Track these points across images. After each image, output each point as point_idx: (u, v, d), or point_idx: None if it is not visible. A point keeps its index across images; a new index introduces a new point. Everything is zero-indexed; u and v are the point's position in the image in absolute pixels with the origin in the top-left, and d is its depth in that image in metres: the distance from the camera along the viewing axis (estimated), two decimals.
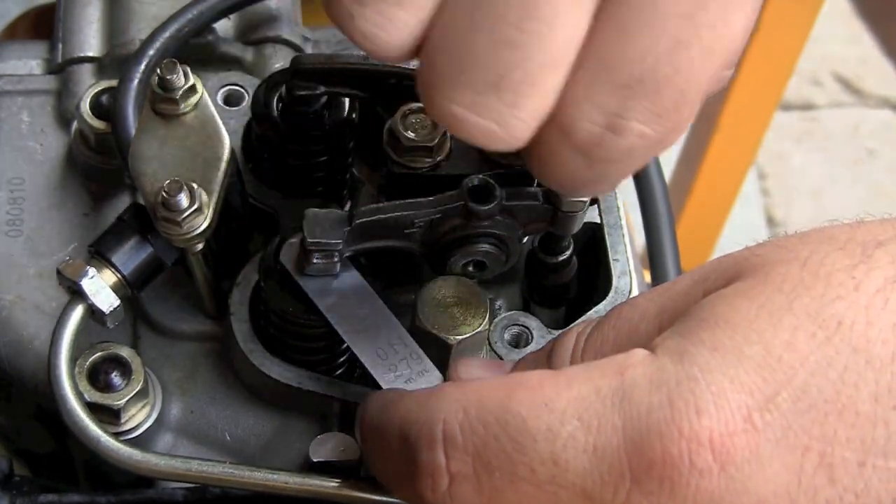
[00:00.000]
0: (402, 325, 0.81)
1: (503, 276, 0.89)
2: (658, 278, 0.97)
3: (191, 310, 0.90)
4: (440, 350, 0.81)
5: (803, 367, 0.61)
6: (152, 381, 0.87)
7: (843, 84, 3.04)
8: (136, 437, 0.85)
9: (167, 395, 0.87)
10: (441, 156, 0.85)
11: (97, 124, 0.93)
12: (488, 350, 0.85)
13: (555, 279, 0.91)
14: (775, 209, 2.87)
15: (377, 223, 0.80)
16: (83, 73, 0.99)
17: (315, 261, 0.80)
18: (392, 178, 0.88)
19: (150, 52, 0.92)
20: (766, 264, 0.65)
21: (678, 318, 0.66)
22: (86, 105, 0.93)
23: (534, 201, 0.81)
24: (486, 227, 0.81)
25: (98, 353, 0.84)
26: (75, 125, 0.95)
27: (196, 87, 0.82)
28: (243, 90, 0.96)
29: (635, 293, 0.89)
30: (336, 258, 0.80)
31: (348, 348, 0.82)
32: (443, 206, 0.80)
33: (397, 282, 0.89)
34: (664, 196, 1.00)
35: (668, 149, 0.68)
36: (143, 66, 0.91)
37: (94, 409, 0.82)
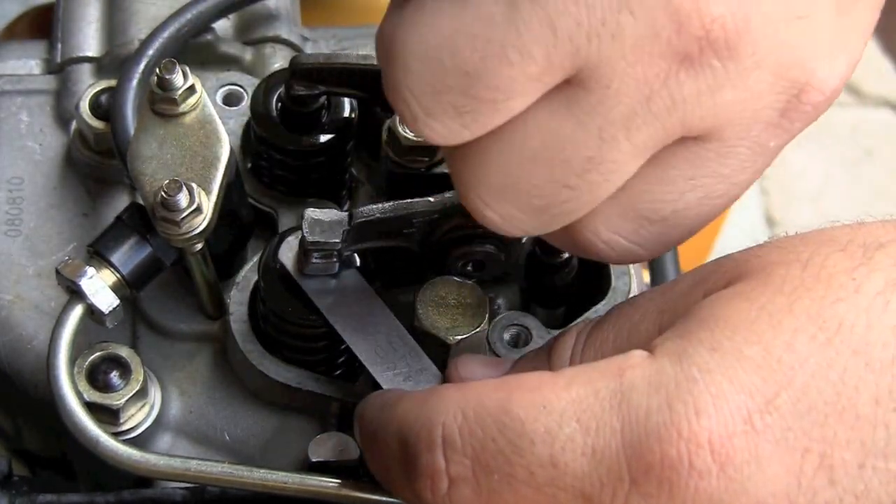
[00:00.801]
0: (402, 324, 0.82)
1: (502, 276, 0.89)
2: (657, 278, 0.97)
3: (190, 310, 0.89)
4: (439, 350, 0.81)
5: (803, 369, 0.61)
6: (151, 381, 0.87)
7: None
8: (135, 437, 0.85)
9: (166, 395, 0.87)
10: (440, 156, 0.85)
11: (96, 124, 0.93)
12: (487, 350, 0.85)
13: (554, 279, 0.91)
14: (774, 209, 2.87)
15: (376, 223, 0.80)
16: (82, 73, 0.99)
17: (314, 261, 0.80)
18: (391, 178, 0.88)
19: (150, 52, 0.92)
20: (767, 266, 0.65)
21: (678, 318, 0.66)
22: (85, 105, 0.93)
23: None
24: (484, 227, 0.81)
25: (97, 353, 0.84)
26: (74, 125, 0.95)
27: (195, 86, 0.82)
28: (242, 90, 0.96)
29: (634, 293, 0.89)
30: (335, 258, 0.80)
31: (347, 348, 0.82)
32: (442, 206, 0.80)
33: (397, 282, 0.89)
34: None
35: None
36: (142, 66, 0.92)
37: (93, 408, 0.82)
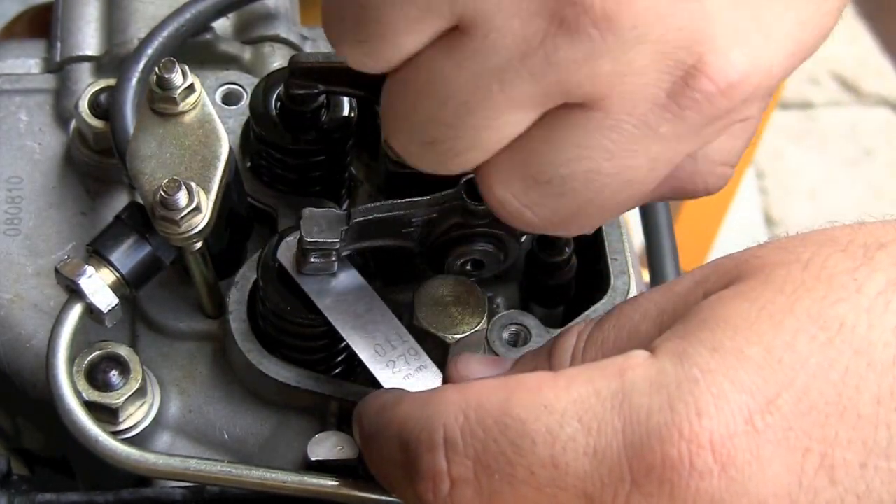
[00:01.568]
0: (401, 323, 0.81)
1: (502, 275, 0.89)
2: (657, 278, 0.97)
3: (189, 309, 0.89)
4: (439, 349, 0.81)
5: (804, 369, 0.61)
6: (150, 380, 0.87)
7: (842, 83, 3.05)
8: (134, 436, 0.85)
9: (165, 394, 0.87)
10: None
11: (95, 123, 0.93)
12: (487, 349, 0.85)
13: (554, 278, 0.91)
14: (773, 208, 2.87)
15: (375, 222, 0.80)
16: (81, 72, 0.99)
17: (313, 260, 0.80)
18: (390, 178, 0.88)
19: (149, 51, 0.92)
20: (767, 266, 0.65)
21: (678, 318, 0.66)
22: (84, 104, 0.93)
23: None
24: (483, 226, 0.81)
25: (96, 352, 0.84)
26: (74, 124, 0.95)
27: (194, 86, 0.82)
28: (242, 89, 0.96)
29: (634, 293, 0.89)
30: (334, 257, 0.80)
31: (346, 347, 0.82)
32: (440, 205, 0.80)
33: (396, 281, 0.89)
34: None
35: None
36: (141, 65, 0.91)
37: (92, 408, 0.82)
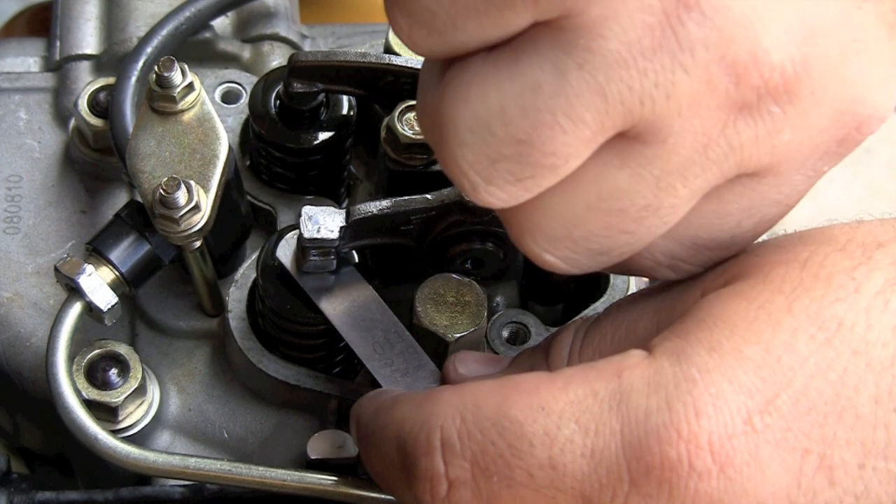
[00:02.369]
0: (401, 321, 0.82)
1: (501, 274, 0.89)
2: None
3: (188, 307, 0.89)
4: (438, 347, 0.81)
5: (803, 369, 0.61)
6: (150, 378, 0.87)
7: None
8: (134, 434, 0.85)
9: (165, 392, 0.87)
10: None
11: (95, 122, 0.93)
12: (486, 347, 0.85)
13: (553, 276, 0.91)
14: None
15: (374, 220, 0.80)
16: (81, 70, 0.99)
17: (312, 258, 0.80)
18: (390, 176, 0.88)
19: (148, 49, 0.92)
20: (766, 265, 0.65)
21: (676, 317, 0.65)
22: (83, 103, 0.93)
23: None
24: (483, 224, 0.81)
25: (96, 351, 0.84)
26: (73, 123, 0.95)
27: (194, 84, 0.82)
28: (241, 87, 0.95)
29: (633, 290, 0.89)
30: (333, 255, 0.80)
31: (346, 345, 0.82)
32: (439, 203, 0.80)
33: (395, 279, 0.89)
34: None
35: None
36: (140, 63, 0.91)
37: (91, 406, 0.82)
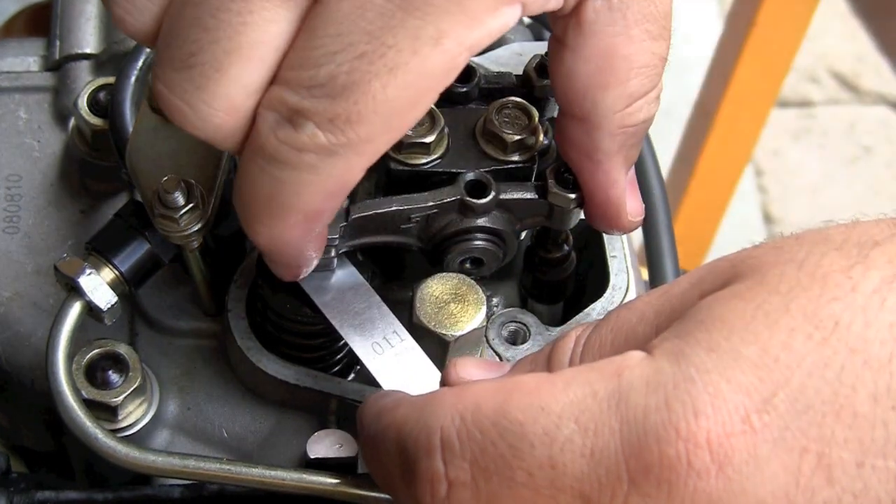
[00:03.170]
0: (400, 320, 0.82)
1: (500, 273, 0.89)
2: (656, 276, 0.97)
3: (188, 307, 0.90)
4: (438, 346, 0.81)
5: (800, 368, 0.61)
6: (149, 378, 0.87)
7: (840, 81, 3.05)
8: (133, 434, 0.85)
9: (164, 392, 0.87)
10: (439, 152, 0.85)
11: (94, 121, 0.93)
12: (485, 346, 0.85)
13: (552, 275, 0.91)
14: (772, 206, 2.88)
15: (373, 218, 0.80)
16: (80, 69, 0.99)
17: None
18: (390, 175, 0.88)
19: (148, 48, 0.92)
20: (763, 266, 0.65)
21: (675, 320, 0.66)
22: (83, 102, 0.93)
23: (529, 195, 0.81)
24: (482, 222, 0.81)
25: (95, 350, 0.84)
26: (73, 122, 0.95)
27: None
28: None
29: (632, 290, 0.89)
30: (332, 254, 0.80)
31: (345, 345, 0.82)
32: (439, 201, 0.80)
33: (394, 278, 0.89)
34: (662, 193, 1.00)
35: (351, 170, 0.68)
36: (140, 62, 0.92)
37: (91, 406, 0.82)
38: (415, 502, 0.66)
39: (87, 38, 1.00)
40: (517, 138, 0.82)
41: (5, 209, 0.94)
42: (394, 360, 0.80)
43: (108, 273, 0.82)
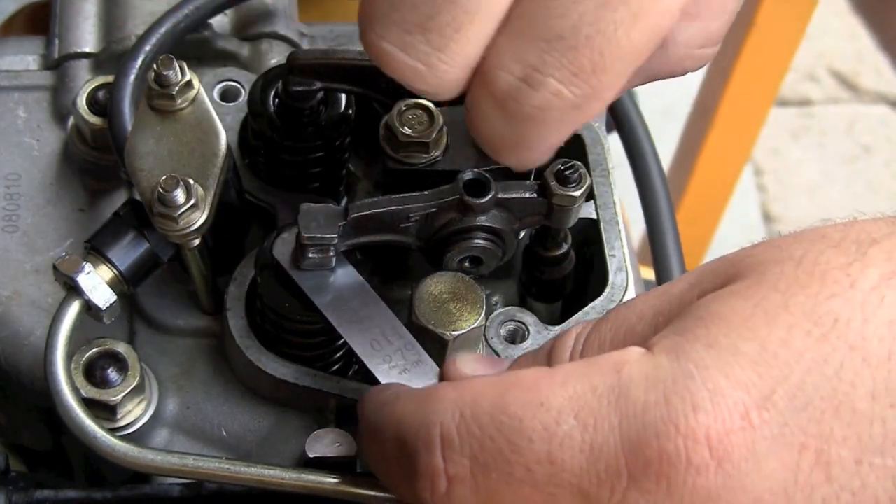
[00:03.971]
0: (399, 319, 0.82)
1: (499, 272, 0.89)
2: (662, 273, 0.97)
3: (187, 306, 0.90)
4: (437, 345, 0.81)
5: (799, 365, 0.61)
6: (148, 376, 0.87)
7: (840, 80, 3.05)
8: (132, 432, 0.85)
9: (163, 390, 0.87)
10: (437, 151, 0.85)
11: (93, 120, 0.93)
12: (484, 345, 0.85)
13: (551, 273, 0.91)
14: (772, 205, 2.88)
15: (372, 217, 0.80)
16: (79, 68, 0.99)
17: (310, 255, 0.80)
18: (388, 174, 0.88)
19: (147, 47, 0.92)
20: (761, 264, 0.65)
21: (674, 319, 0.66)
22: (82, 101, 0.93)
23: (528, 194, 0.81)
24: (481, 221, 0.81)
25: (94, 349, 0.84)
26: (71, 121, 0.95)
27: (192, 82, 0.82)
28: (239, 86, 0.96)
29: (631, 288, 0.89)
30: (331, 253, 0.80)
31: (344, 343, 0.82)
32: (438, 200, 0.80)
33: (394, 277, 0.89)
34: (665, 191, 1.00)
35: (588, 120, 0.70)
36: (139, 61, 0.92)
37: (90, 405, 0.82)
38: (414, 497, 0.66)
39: (86, 37, 1.00)
40: None
41: (4, 208, 0.94)
42: (392, 359, 0.80)
43: (106, 272, 0.82)
